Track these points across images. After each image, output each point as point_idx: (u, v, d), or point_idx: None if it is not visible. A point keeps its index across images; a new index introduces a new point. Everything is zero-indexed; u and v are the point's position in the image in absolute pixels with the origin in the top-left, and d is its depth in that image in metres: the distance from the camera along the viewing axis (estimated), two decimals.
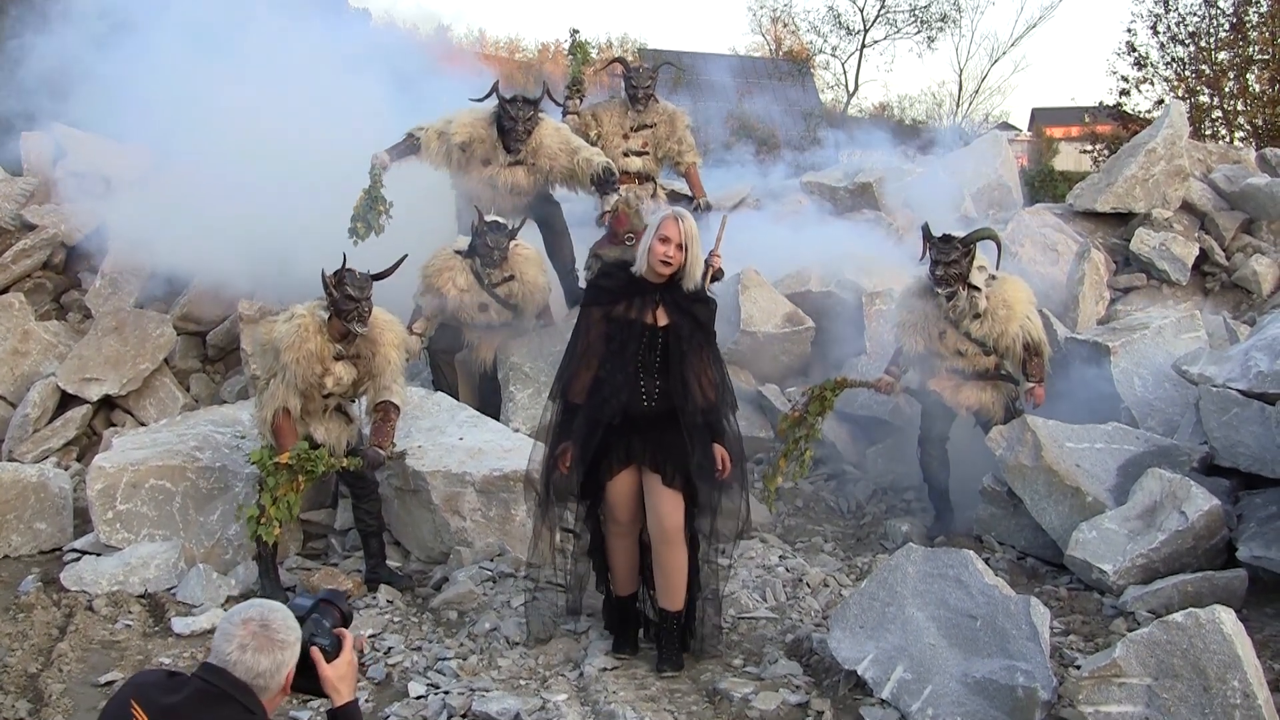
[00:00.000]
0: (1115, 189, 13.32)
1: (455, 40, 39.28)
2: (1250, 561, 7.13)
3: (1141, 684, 5.20)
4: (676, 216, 6.23)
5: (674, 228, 6.16)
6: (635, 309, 6.22)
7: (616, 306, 6.25)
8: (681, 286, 6.25)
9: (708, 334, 6.35)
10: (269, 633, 3.52)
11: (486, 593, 7.41)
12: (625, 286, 6.28)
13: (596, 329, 6.28)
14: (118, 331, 11.01)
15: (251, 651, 3.47)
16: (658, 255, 6.14)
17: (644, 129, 11.71)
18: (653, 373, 6.23)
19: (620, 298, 6.26)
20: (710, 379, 6.27)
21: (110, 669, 6.52)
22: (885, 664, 5.83)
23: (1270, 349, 8.19)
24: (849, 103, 37.02)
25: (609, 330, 6.25)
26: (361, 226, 9.77)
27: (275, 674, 3.51)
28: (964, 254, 8.33)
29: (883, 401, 9.21)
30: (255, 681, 3.47)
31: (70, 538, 8.55)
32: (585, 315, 6.37)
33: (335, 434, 7.83)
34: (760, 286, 10.97)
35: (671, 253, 6.14)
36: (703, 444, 6.23)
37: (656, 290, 6.24)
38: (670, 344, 6.22)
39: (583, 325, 6.35)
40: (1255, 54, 25.57)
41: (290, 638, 3.56)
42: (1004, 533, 8.50)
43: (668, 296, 6.24)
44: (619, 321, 6.23)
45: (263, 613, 3.57)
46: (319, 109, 11.64)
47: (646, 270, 6.22)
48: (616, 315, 6.24)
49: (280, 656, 3.52)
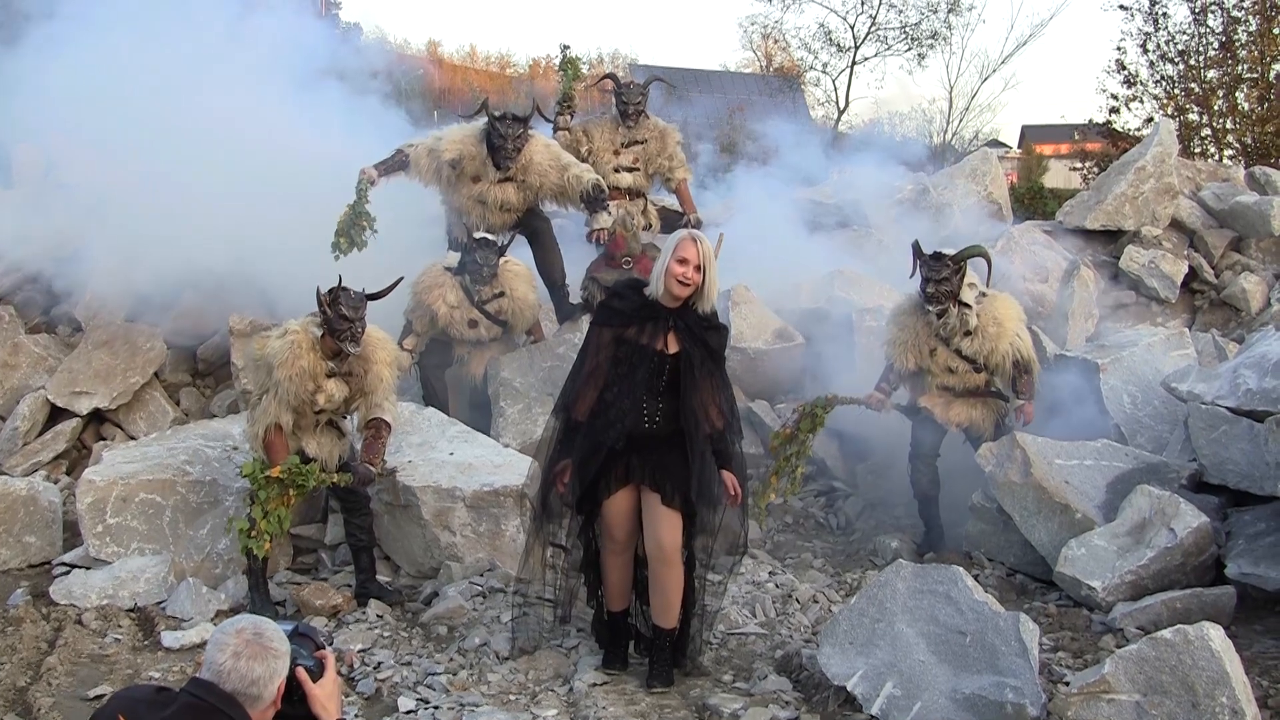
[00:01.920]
0: (1105, 206, 13.39)
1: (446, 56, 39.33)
2: (1239, 578, 7.15)
3: (1130, 700, 5.21)
4: (694, 238, 6.16)
5: (692, 249, 6.09)
6: (647, 334, 6.17)
7: (628, 329, 6.20)
8: (695, 311, 6.21)
9: (718, 361, 6.32)
10: (263, 641, 3.53)
11: (476, 608, 7.41)
12: (638, 310, 6.23)
13: (606, 351, 6.22)
14: (108, 345, 10.99)
15: (246, 659, 3.48)
16: (675, 276, 6.07)
17: (635, 145, 11.71)
18: (657, 395, 6.20)
19: (632, 320, 6.21)
20: (719, 407, 6.25)
21: (99, 683, 6.50)
22: (875, 680, 5.84)
23: (1259, 366, 8.22)
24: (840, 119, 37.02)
25: (618, 353, 6.20)
26: (344, 242, 9.67)
27: (268, 682, 3.51)
28: (955, 271, 8.35)
29: (873, 418, 9.21)
30: (249, 690, 3.47)
31: (60, 551, 8.53)
32: (595, 334, 6.30)
33: (327, 449, 7.83)
34: (751, 302, 10.99)
35: (690, 274, 6.07)
36: (706, 467, 6.21)
37: (670, 315, 6.19)
38: (682, 370, 6.18)
39: (592, 344, 6.30)
40: (1244, 73, 25.65)
41: (282, 649, 3.58)
42: (993, 549, 8.51)
43: (680, 322, 6.20)
44: (629, 345, 6.18)
45: (255, 623, 3.60)
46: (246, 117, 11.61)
47: (662, 293, 6.16)
48: (628, 338, 6.19)
49: (273, 665, 3.53)
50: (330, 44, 14.66)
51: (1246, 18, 25.80)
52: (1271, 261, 13.45)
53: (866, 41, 37.67)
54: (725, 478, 6.22)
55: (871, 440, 10.02)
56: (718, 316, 6.40)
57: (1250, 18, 25.72)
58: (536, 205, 10.53)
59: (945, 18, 36.80)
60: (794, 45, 39.96)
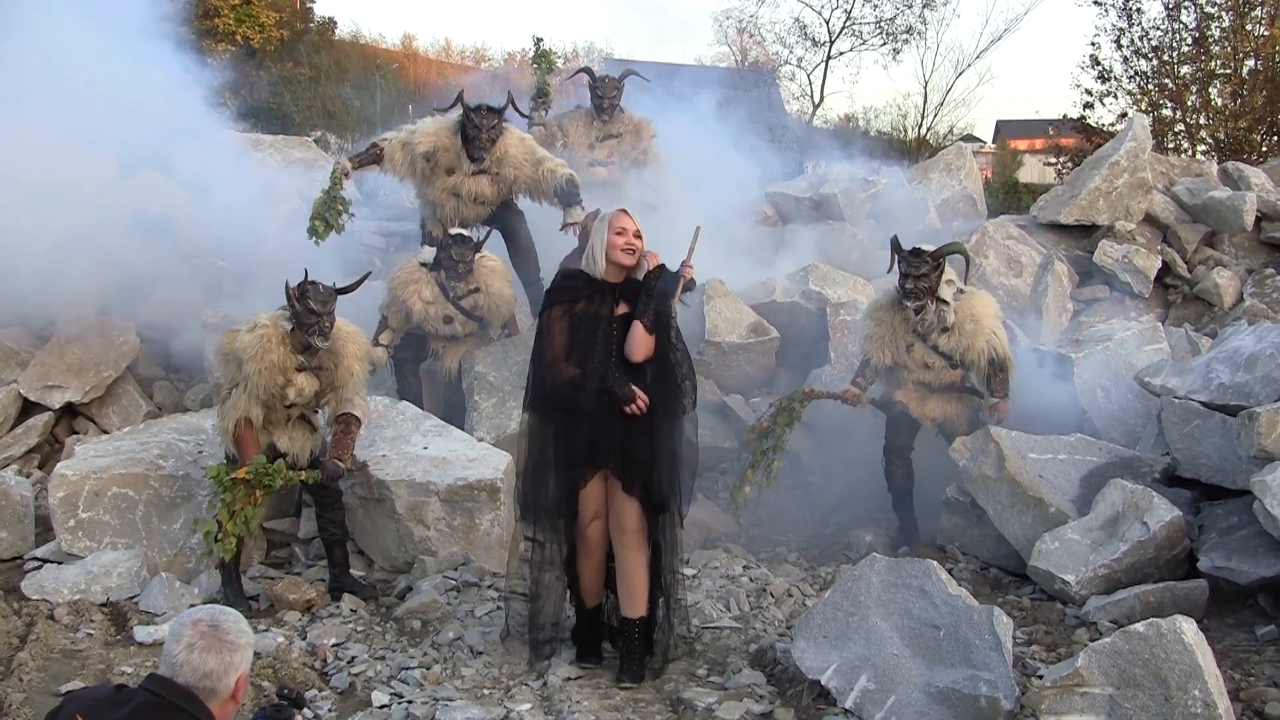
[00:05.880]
0: (1079, 201, 13.41)
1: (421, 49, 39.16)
2: (1211, 572, 7.17)
3: (1103, 693, 5.22)
4: (625, 210, 6.32)
5: (627, 219, 6.25)
6: (596, 303, 6.24)
7: (577, 304, 6.26)
8: (637, 281, 6.28)
9: (666, 326, 6.35)
10: (218, 633, 3.51)
11: (450, 602, 7.40)
12: (585, 287, 6.29)
13: (559, 325, 6.25)
14: (81, 339, 10.91)
15: (199, 651, 3.47)
16: (618, 246, 6.18)
17: (610, 139, 11.71)
18: (614, 365, 6.22)
19: (580, 296, 6.28)
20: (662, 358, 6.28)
21: (72, 678, 6.46)
22: (849, 674, 5.84)
23: (1231, 361, 8.25)
24: (814, 114, 36.96)
25: (572, 324, 6.24)
26: (321, 225, 9.83)
27: (224, 675, 3.49)
28: (934, 268, 8.37)
29: (848, 412, 9.23)
30: (203, 683, 3.46)
31: (32, 546, 8.48)
32: (546, 316, 6.33)
33: (299, 444, 7.82)
34: (725, 297, 10.99)
35: (632, 240, 6.20)
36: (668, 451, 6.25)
37: (616, 289, 6.27)
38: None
39: (544, 327, 6.31)
40: (1217, 69, 25.75)
41: (240, 641, 3.56)
42: (967, 543, 8.53)
43: (628, 294, 6.27)
44: (580, 316, 6.23)
45: (213, 614, 3.58)
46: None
47: (605, 268, 6.24)
48: (578, 311, 6.25)
49: (229, 658, 3.51)
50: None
51: (1220, 13, 25.87)
52: (1244, 256, 13.49)
53: (841, 36, 37.60)
54: (639, 395, 6.18)
55: (847, 435, 10.03)
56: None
57: (1223, 13, 25.80)
58: (511, 199, 10.52)
59: (920, 12, 36.72)
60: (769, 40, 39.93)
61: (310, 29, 30.27)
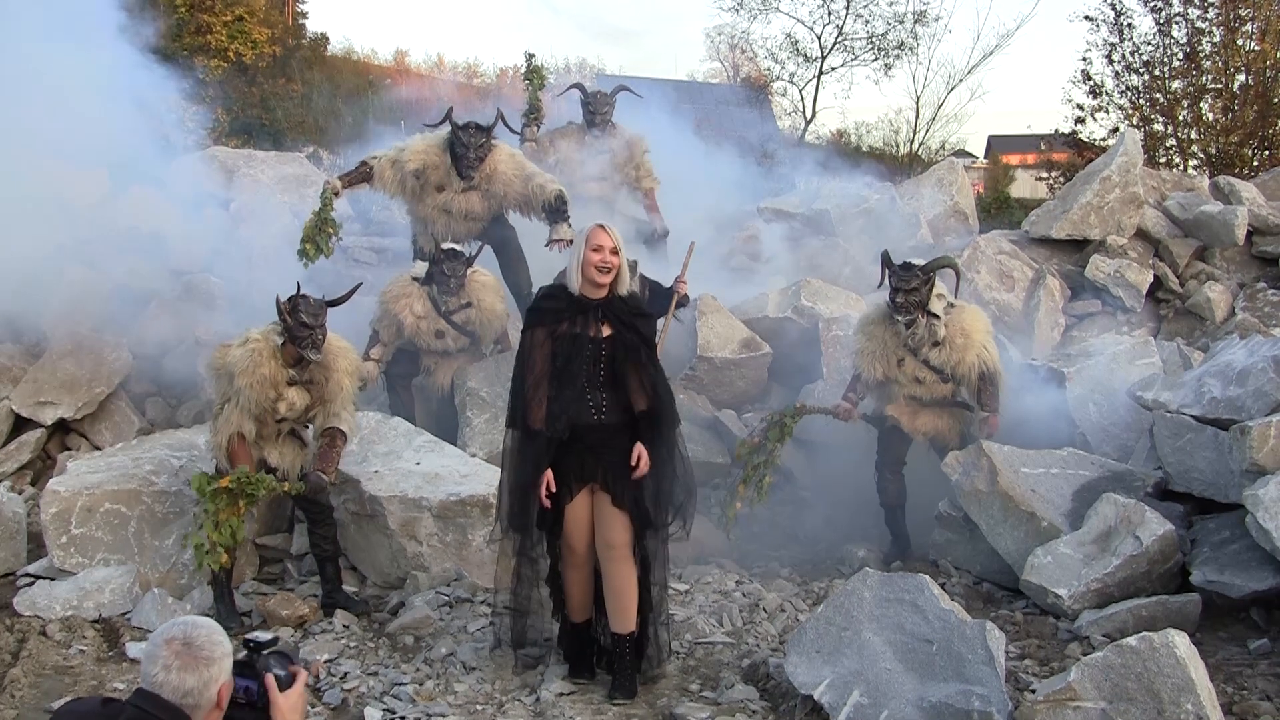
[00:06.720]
0: (1070, 216, 13.43)
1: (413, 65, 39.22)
2: (1204, 586, 7.18)
3: (1096, 707, 5.22)
4: (603, 226, 6.32)
5: (604, 236, 6.24)
6: (579, 324, 6.25)
7: (560, 325, 6.27)
8: (619, 298, 6.31)
9: (650, 346, 6.40)
10: (192, 651, 3.49)
11: (443, 618, 7.39)
12: (567, 307, 6.30)
13: (541, 349, 6.27)
14: (73, 355, 10.90)
15: (176, 671, 3.45)
16: (594, 264, 6.19)
17: (602, 155, 11.71)
18: (599, 386, 6.25)
19: (563, 316, 6.28)
20: (646, 390, 6.27)
21: (64, 694, 6.45)
22: (842, 689, 5.84)
23: (1223, 375, 8.26)
24: (806, 129, 37.05)
25: (555, 348, 6.25)
26: (311, 248, 9.89)
27: (203, 691, 3.47)
28: (924, 282, 8.39)
29: (840, 427, 9.23)
30: (184, 701, 3.44)
31: (24, 562, 8.46)
32: (529, 337, 6.35)
33: (290, 458, 7.82)
34: (717, 312, 10.99)
35: (608, 258, 6.21)
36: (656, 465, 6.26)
37: (597, 306, 6.27)
38: (617, 355, 6.24)
39: (527, 348, 6.33)
40: (1208, 83, 25.88)
41: (216, 653, 3.53)
42: (960, 557, 8.53)
43: (609, 312, 6.28)
44: (563, 338, 6.25)
45: (186, 631, 3.54)
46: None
47: (582, 285, 6.25)
48: (561, 333, 6.26)
49: (206, 673, 3.48)
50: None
51: (1210, 29, 26.03)
52: (1236, 271, 13.52)
53: (833, 52, 37.73)
54: (636, 449, 6.22)
55: (839, 450, 10.03)
56: (640, 302, 6.50)
57: (1214, 29, 25.95)
58: (502, 214, 10.53)
59: (912, 28, 36.90)
60: (761, 55, 40.05)
61: (303, 45, 30.33)
